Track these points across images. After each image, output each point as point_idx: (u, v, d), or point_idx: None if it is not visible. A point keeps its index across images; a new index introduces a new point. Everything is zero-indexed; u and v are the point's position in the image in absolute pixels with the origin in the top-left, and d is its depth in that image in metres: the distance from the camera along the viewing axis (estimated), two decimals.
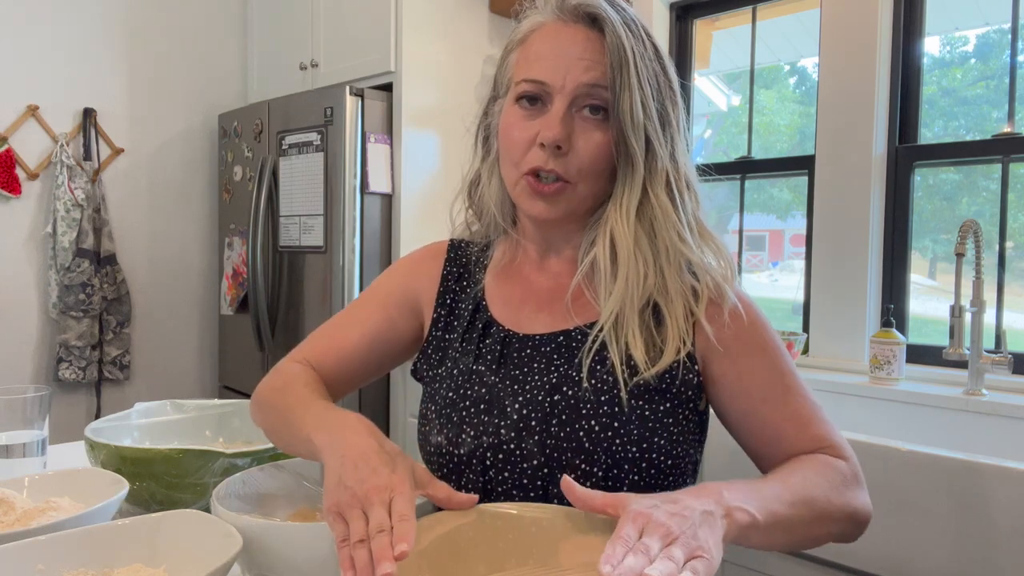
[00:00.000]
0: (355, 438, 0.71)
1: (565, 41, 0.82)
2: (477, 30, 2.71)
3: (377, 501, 0.63)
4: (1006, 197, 1.88)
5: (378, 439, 0.71)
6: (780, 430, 0.82)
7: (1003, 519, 1.18)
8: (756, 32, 2.37)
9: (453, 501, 0.71)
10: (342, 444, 0.70)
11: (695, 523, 0.60)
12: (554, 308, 0.88)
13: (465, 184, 0.97)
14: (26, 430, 1.02)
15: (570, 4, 0.83)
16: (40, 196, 2.76)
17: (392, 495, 0.63)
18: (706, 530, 0.61)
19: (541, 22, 0.85)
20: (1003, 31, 1.97)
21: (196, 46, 3.12)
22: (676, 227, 0.82)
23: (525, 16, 0.88)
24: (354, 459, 0.67)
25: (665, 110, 0.84)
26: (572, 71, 0.80)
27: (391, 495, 0.63)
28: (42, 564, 0.69)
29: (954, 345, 1.71)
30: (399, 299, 0.95)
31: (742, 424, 0.84)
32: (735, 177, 2.38)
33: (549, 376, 0.82)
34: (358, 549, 0.60)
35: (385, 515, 0.62)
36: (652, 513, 0.60)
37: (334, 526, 0.63)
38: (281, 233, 2.69)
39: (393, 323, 0.94)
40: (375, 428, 0.74)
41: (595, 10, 0.81)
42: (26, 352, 2.77)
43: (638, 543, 0.57)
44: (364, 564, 0.59)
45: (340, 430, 0.73)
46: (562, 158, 0.81)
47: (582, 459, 0.78)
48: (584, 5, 0.82)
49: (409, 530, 0.60)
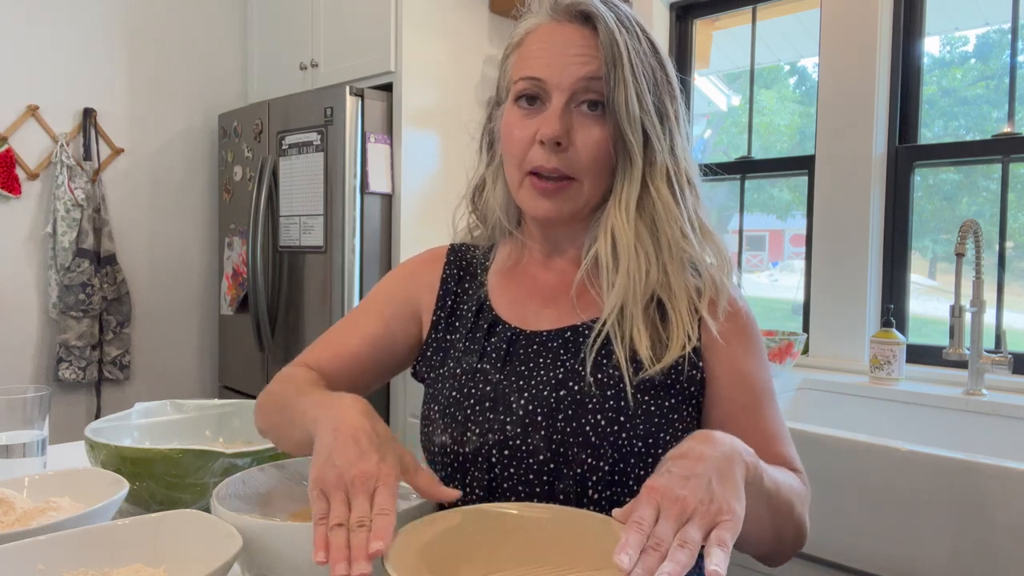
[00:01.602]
0: (350, 415, 0.71)
1: (560, 39, 0.83)
2: (477, 30, 2.71)
3: (361, 490, 0.63)
4: (1006, 197, 1.88)
5: (371, 420, 0.71)
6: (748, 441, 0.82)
7: (1003, 519, 1.18)
8: (756, 32, 2.37)
9: (433, 491, 0.70)
10: (336, 419, 0.70)
11: (709, 479, 0.60)
12: (559, 304, 0.88)
13: (469, 190, 0.97)
14: (26, 430, 1.02)
15: (563, 4, 0.84)
16: (40, 196, 2.76)
17: (377, 484, 0.63)
18: (722, 482, 0.60)
19: (536, 23, 0.86)
20: (1003, 31, 1.97)
21: (196, 46, 3.12)
22: (678, 222, 0.83)
23: (521, 20, 0.89)
24: (345, 437, 0.67)
25: (663, 104, 0.84)
26: (569, 67, 0.81)
27: (376, 484, 0.63)
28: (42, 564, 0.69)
29: (954, 345, 1.71)
30: (399, 305, 0.95)
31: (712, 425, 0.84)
32: (735, 177, 2.38)
33: (555, 371, 0.83)
34: (336, 532, 0.60)
35: (367, 507, 0.62)
36: (665, 485, 0.59)
37: (315, 503, 0.64)
38: (281, 233, 2.69)
39: (392, 329, 0.94)
40: (371, 409, 0.74)
41: (588, 8, 0.82)
42: (26, 352, 2.77)
43: (653, 532, 0.56)
44: (339, 547, 0.59)
45: (336, 406, 0.73)
46: (563, 154, 0.81)
47: (588, 454, 0.78)
48: (577, 4, 0.83)
49: (387, 526, 0.60)
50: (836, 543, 1.35)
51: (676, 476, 0.60)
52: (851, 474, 1.33)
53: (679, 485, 0.59)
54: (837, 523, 1.35)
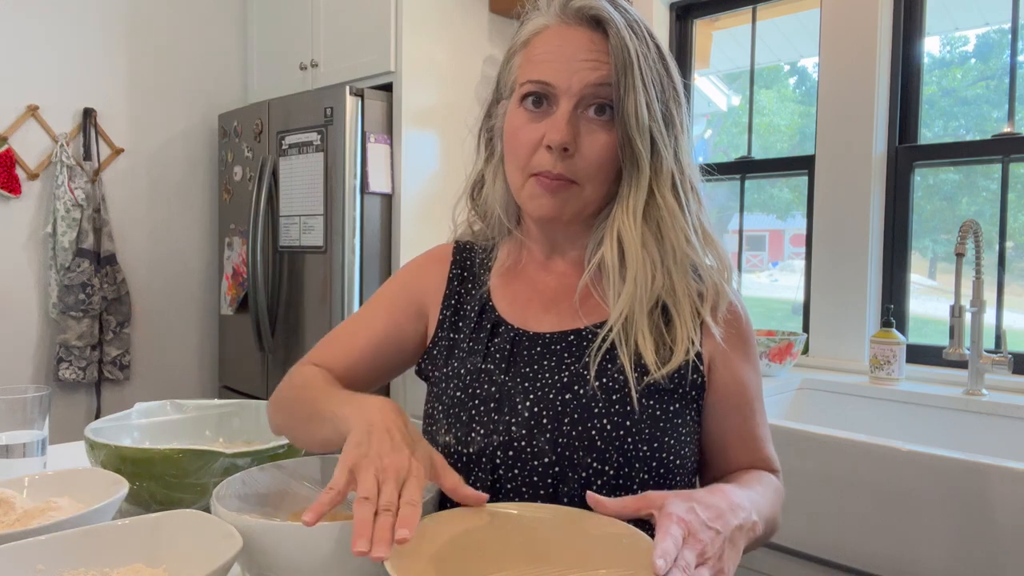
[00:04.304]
0: (383, 412, 0.72)
1: (569, 43, 0.82)
2: (477, 30, 2.70)
3: (393, 477, 0.63)
4: (1006, 197, 1.88)
5: (404, 418, 0.72)
6: (735, 445, 0.87)
7: (1003, 519, 1.18)
8: (756, 32, 2.37)
9: (459, 493, 0.71)
10: (370, 414, 0.71)
11: (724, 542, 0.64)
12: (560, 308, 0.88)
13: (468, 186, 0.97)
14: (26, 430, 1.02)
15: (573, 7, 0.83)
16: (40, 196, 2.76)
17: (407, 477, 0.64)
18: (732, 551, 0.65)
19: (544, 24, 0.85)
20: (1003, 31, 1.97)
21: (196, 46, 3.12)
22: (683, 229, 0.83)
23: (527, 18, 0.87)
24: (380, 431, 0.68)
25: (669, 111, 0.84)
26: (578, 72, 0.80)
27: (406, 476, 0.64)
28: (42, 564, 0.69)
29: (954, 345, 1.71)
30: (405, 303, 0.95)
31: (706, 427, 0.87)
32: (735, 177, 2.38)
33: (560, 374, 0.83)
34: (362, 505, 0.61)
35: (395, 494, 0.62)
36: (693, 522, 0.63)
37: (338, 476, 0.64)
38: (281, 233, 2.69)
39: (400, 327, 0.94)
40: (402, 410, 0.75)
41: (598, 12, 0.81)
42: (26, 352, 2.77)
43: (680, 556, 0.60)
44: (365, 520, 0.59)
45: (368, 405, 0.74)
46: (568, 160, 0.81)
47: (594, 457, 0.78)
48: (587, 7, 0.82)
49: (414, 515, 0.60)
50: (836, 543, 1.35)
51: (701, 520, 0.64)
52: (851, 474, 1.33)
53: (702, 530, 0.63)
54: (837, 523, 1.35)
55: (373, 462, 0.65)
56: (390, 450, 0.66)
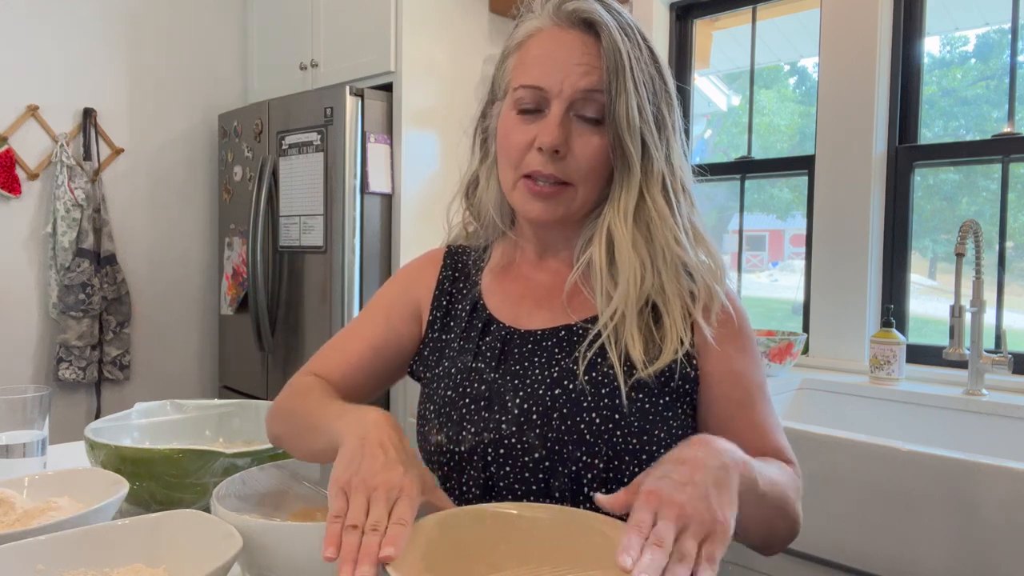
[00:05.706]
0: (378, 427, 0.71)
1: (562, 46, 0.83)
2: (477, 30, 2.71)
3: (384, 496, 0.63)
4: (1006, 197, 1.88)
5: (398, 433, 0.72)
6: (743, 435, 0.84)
7: (1003, 519, 1.18)
8: (756, 32, 2.37)
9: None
10: (364, 427, 0.71)
11: (707, 488, 0.61)
12: (552, 304, 0.89)
13: (463, 186, 0.98)
14: (26, 430, 1.02)
15: (566, 10, 0.83)
16: (40, 196, 2.76)
17: (399, 495, 0.64)
18: (719, 492, 0.61)
19: (538, 27, 0.86)
20: (1003, 31, 1.97)
21: (196, 46, 3.12)
22: (673, 231, 0.84)
23: (522, 20, 0.88)
24: (373, 446, 0.68)
25: (661, 114, 0.85)
26: (569, 76, 0.81)
27: (398, 495, 0.64)
28: (42, 564, 0.69)
29: (954, 345, 1.71)
30: (401, 307, 0.96)
31: (708, 422, 0.86)
32: (735, 177, 2.38)
33: (550, 370, 0.83)
34: (349, 532, 0.60)
35: (385, 513, 0.62)
36: (663, 489, 0.60)
37: (334, 500, 0.64)
38: (281, 233, 2.69)
39: (397, 331, 0.95)
40: (398, 424, 0.75)
41: (591, 15, 0.82)
42: (26, 352, 2.77)
43: (653, 532, 0.57)
44: (351, 548, 0.59)
45: (363, 418, 0.74)
46: (560, 162, 0.82)
47: (583, 451, 0.79)
48: (580, 11, 0.83)
49: (401, 535, 0.60)
50: (836, 543, 1.35)
51: (674, 482, 0.61)
52: (851, 474, 1.33)
53: (677, 491, 0.60)
54: (837, 523, 1.35)
55: (365, 481, 0.64)
56: (383, 467, 0.66)
